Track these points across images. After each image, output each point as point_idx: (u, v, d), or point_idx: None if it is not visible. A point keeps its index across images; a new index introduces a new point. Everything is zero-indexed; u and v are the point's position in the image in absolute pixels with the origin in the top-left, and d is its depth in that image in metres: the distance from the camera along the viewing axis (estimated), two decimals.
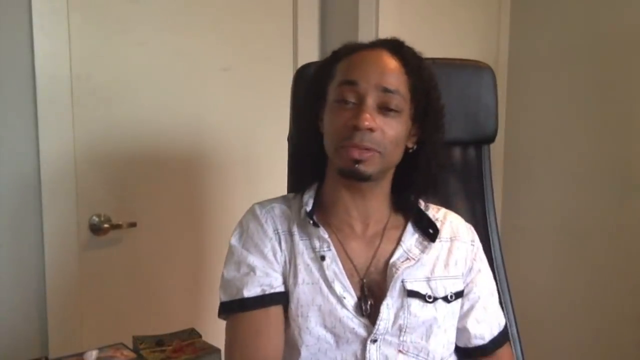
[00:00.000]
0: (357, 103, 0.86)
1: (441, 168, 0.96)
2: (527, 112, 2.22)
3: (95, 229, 1.44)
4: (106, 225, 1.45)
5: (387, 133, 0.86)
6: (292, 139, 1.12)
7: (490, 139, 1.26)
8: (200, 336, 1.19)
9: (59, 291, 1.37)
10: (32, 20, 1.29)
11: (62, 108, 1.36)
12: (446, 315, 0.91)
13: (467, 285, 0.95)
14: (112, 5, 1.45)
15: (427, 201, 1.01)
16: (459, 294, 0.93)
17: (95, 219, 1.45)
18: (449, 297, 0.91)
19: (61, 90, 1.36)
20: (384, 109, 0.86)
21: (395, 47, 0.91)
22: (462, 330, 0.94)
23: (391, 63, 0.88)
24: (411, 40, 0.94)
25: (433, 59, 1.26)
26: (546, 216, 2.19)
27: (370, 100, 0.85)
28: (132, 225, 1.48)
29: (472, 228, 1.02)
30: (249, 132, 1.70)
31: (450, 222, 0.98)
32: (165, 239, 1.58)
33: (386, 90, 0.86)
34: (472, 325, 0.94)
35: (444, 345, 0.91)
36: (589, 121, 2.02)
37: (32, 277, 1.35)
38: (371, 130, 0.84)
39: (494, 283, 1.00)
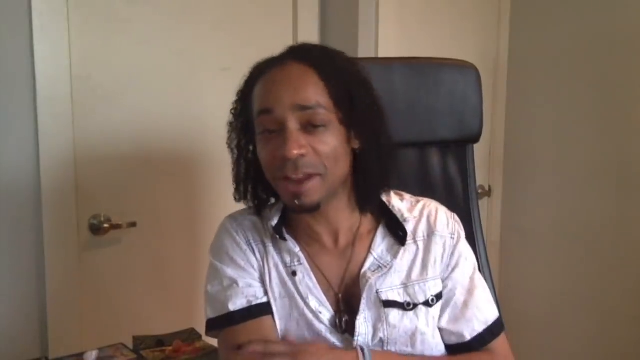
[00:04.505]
0: (279, 130, 0.80)
1: (389, 162, 0.89)
2: (527, 112, 2.22)
3: (95, 229, 1.44)
4: (106, 225, 1.45)
5: (320, 151, 0.80)
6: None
7: (475, 138, 1.26)
8: (200, 336, 1.19)
9: (59, 291, 1.37)
10: (32, 20, 1.29)
11: (62, 108, 1.36)
12: (429, 321, 0.87)
13: (444, 281, 0.90)
14: (112, 5, 1.45)
15: (396, 191, 0.95)
16: (439, 296, 0.89)
17: (95, 219, 1.45)
18: (429, 301, 0.87)
19: (61, 90, 1.36)
20: (310, 126, 0.80)
21: (304, 54, 0.84)
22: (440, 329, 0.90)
23: (303, 75, 0.81)
24: (411, 40, 0.92)
25: (420, 59, 1.28)
26: (546, 216, 2.19)
27: (292, 124, 0.79)
28: (132, 225, 1.48)
29: (456, 217, 0.95)
30: None
31: (427, 217, 0.92)
32: (165, 239, 1.58)
33: (304, 108, 0.79)
34: (446, 323, 0.89)
35: (432, 348, 0.87)
36: (588, 121, 2.03)
37: (32, 277, 1.35)
38: (302, 155, 0.79)
39: (478, 276, 0.93)
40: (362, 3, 1.75)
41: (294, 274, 0.87)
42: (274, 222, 0.89)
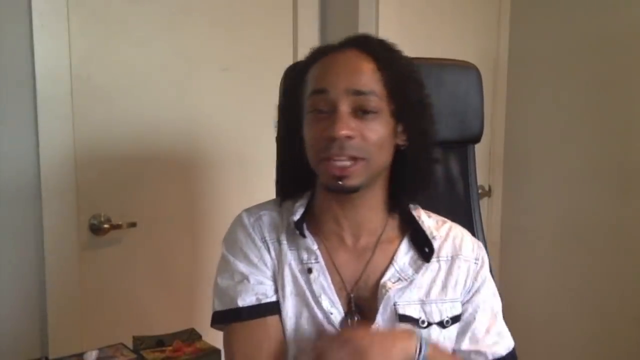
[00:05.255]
0: (330, 111, 0.81)
1: (431, 163, 0.91)
2: (527, 112, 2.22)
3: (95, 229, 1.44)
4: (106, 225, 1.45)
5: (368, 137, 0.81)
6: (277, 147, 1.02)
7: (476, 138, 1.26)
8: (200, 336, 1.19)
9: (59, 291, 1.37)
10: (32, 20, 1.29)
11: (62, 108, 1.36)
12: (440, 341, 0.86)
13: (464, 305, 0.90)
14: (112, 6, 1.45)
15: (426, 209, 0.95)
16: (456, 318, 0.88)
17: (95, 219, 1.45)
18: (444, 322, 0.87)
19: (61, 90, 1.36)
20: (360, 112, 0.81)
21: (364, 43, 0.85)
22: (457, 352, 0.89)
23: (361, 62, 0.83)
24: (411, 40, 0.92)
25: (421, 59, 1.28)
26: (546, 216, 2.19)
27: (344, 107, 0.80)
28: (132, 225, 1.48)
29: (480, 244, 0.95)
30: (248, 133, 1.70)
31: (452, 239, 0.92)
32: (165, 239, 1.58)
33: (358, 93, 0.81)
34: (467, 346, 0.88)
35: None
36: (588, 121, 2.03)
37: (32, 277, 1.35)
38: (349, 137, 0.79)
39: (498, 303, 0.94)
40: (362, 3, 1.75)
41: (309, 271, 0.86)
42: (297, 217, 0.88)
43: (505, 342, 0.91)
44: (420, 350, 0.77)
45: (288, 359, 0.86)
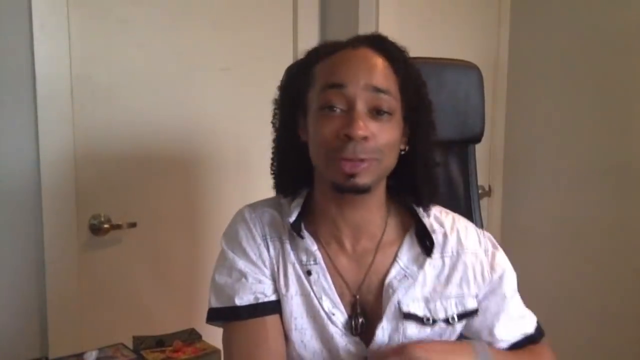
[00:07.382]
0: (347, 109, 0.78)
1: (436, 166, 0.89)
2: (527, 112, 2.22)
3: (95, 229, 1.44)
4: (106, 225, 1.45)
5: (381, 139, 0.78)
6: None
7: (477, 138, 1.26)
8: (200, 336, 1.19)
9: (59, 291, 1.37)
10: (32, 20, 1.29)
11: (62, 108, 1.36)
12: (443, 336, 0.86)
13: (482, 300, 0.89)
14: (112, 5, 1.44)
15: (431, 204, 0.92)
16: (465, 315, 0.87)
17: (95, 219, 1.45)
18: (449, 319, 0.85)
19: (61, 90, 1.35)
20: (376, 112, 0.79)
21: (379, 43, 0.83)
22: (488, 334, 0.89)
23: (378, 61, 0.81)
24: (411, 40, 0.91)
25: (423, 59, 1.28)
26: (546, 216, 2.19)
27: (361, 105, 0.78)
28: (132, 225, 1.48)
29: (487, 233, 0.94)
30: (248, 133, 1.70)
31: (457, 233, 0.89)
32: (165, 239, 1.58)
33: (377, 90, 0.78)
34: (488, 338, 0.88)
35: None
36: (588, 121, 2.03)
37: (32, 277, 1.35)
38: (365, 138, 0.77)
39: (515, 285, 0.93)
40: (362, 3, 1.75)
41: (308, 273, 0.85)
42: (292, 218, 0.85)
43: (525, 325, 0.92)
44: None
45: (290, 358, 0.85)
